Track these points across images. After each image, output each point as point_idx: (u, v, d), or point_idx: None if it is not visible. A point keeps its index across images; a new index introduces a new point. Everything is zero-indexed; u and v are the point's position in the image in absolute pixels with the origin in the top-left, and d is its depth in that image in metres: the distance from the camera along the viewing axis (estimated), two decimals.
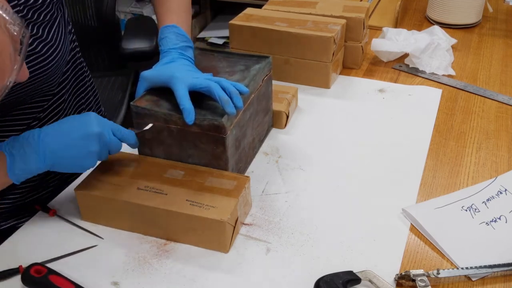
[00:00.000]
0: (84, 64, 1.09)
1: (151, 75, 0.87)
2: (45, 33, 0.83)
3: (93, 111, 1.11)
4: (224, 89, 0.81)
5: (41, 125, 0.95)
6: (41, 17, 0.82)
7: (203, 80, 0.83)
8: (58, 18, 0.87)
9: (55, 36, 0.85)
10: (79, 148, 0.76)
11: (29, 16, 0.80)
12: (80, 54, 1.06)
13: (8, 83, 0.59)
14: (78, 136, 0.76)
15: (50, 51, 0.84)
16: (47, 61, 0.84)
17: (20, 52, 0.59)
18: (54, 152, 0.76)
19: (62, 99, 0.98)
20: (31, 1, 0.80)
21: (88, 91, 1.09)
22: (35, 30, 0.82)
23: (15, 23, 0.58)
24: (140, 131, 0.85)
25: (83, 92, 1.07)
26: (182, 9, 0.96)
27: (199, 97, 0.86)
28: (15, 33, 0.58)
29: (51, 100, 0.95)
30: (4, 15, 0.57)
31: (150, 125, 0.85)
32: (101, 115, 1.15)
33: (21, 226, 0.86)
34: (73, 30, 1.03)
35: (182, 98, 0.81)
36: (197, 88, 0.82)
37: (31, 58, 0.82)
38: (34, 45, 0.82)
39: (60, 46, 0.86)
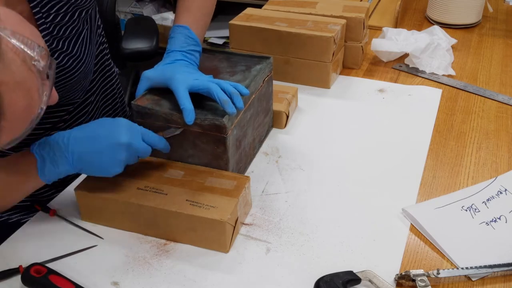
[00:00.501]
0: (110, 61, 1.09)
1: (152, 74, 0.87)
2: (70, 46, 0.84)
3: (118, 110, 1.12)
4: (224, 90, 0.81)
5: (68, 126, 0.96)
6: (67, 32, 0.83)
7: (203, 81, 0.83)
8: (84, 31, 0.88)
9: (80, 49, 0.86)
10: (106, 156, 0.77)
11: (55, 32, 0.81)
12: (107, 50, 1.06)
13: (39, 111, 0.60)
14: (106, 144, 0.76)
15: (75, 63, 0.86)
16: (71, 73, 0.86)
17: (49, 78, 0.60)
18: (81, 157, 0.77)
19: (89, 101, 0.99)
20: (58, 19, 0.81)
21: (114, 88, 1.10)
22: (60, 45, 0.83)
23: (41, 58, 0.58)
24: (169, 136, 0.84)
25: (110, 93, 1.08)
26: (202, 11, 0.95)
27: (200, 98, 0.86)
28: (41, 69, 0.58)
29: (77, 103, 0.96)
30: (29, 52, 0.57)
31: (180, 129, 0.85)
32: (125, 114, 1.15)
33: (12, 221, 0.85)
34: (104, 39, 1.03)
35: (182, 98, 0.81)
36: (196, 90, 0.82)
37: (56, 70, 0.82)
38: (59, 59, 0.83)
39: (84, 58, 0.87)
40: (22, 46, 0.56)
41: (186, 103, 0.80)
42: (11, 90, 0.55)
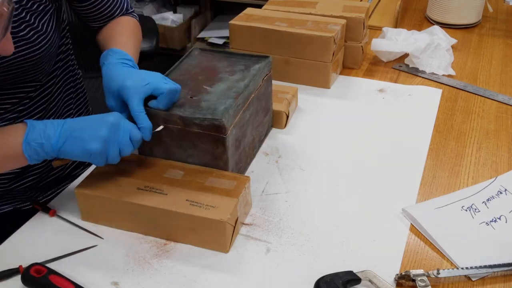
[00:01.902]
0: (77, 67, 1.09)
1: (106, 88, 0.86)
2: (37, 21, 0.86)
3: (81, 112, 1.12)
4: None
5: (33, 104, 0.96)
6: (35, 7, 0.85)
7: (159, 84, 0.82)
8: (51, 11, 0.89)
9: (45, 25, 0.87)
10: (90, 129, 0.77)
11: (23, 2, 0.83)
12: (73, 56, 1.06)
13: None
14: (94, 119, 0.78)
15: (40, 39, 0.86)
16: (36, 47, 0.86)
17: (3, 25, 0.59)
18: (69, 128, 0.77)
19: (49, 90, 0.98)
20: None
21: (78, 92, 1.09)
22: (28, 17, 0.84)
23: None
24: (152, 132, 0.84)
25: (73, 92, 1.07)
26: (130, 43, 0.96)
27: (198, 97, 0.86)
28: None
29: (38, 87, 0.95)
30: None
31: (161, 127, 0.85)
32: (85, 99, 1.15)
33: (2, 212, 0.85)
34: (68, 34, 1.03)
35: (138, 116, 0.80)
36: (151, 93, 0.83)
37: (21, 43, 0.84)
38: (25, 32, 0.84)
39: (50, 35, 0.88)
40: None
41: (144, 121, 0.80)
42: None
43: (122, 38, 0.97)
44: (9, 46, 0.65)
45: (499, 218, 0.84)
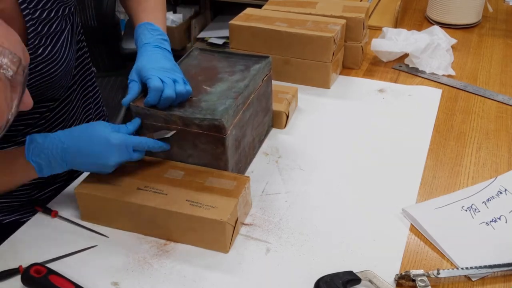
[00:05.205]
0: (89, 61, 1.09)
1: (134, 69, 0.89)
2: (53, 42, 0.85)
3: (97, 110, 1.12)
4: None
5: (48, 124, 0.96)
6: (52, 29, 0.84)
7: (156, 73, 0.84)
8: (67, 29, 0.88)
9: (62, 45, 0.87)
10: (96, 168, 0.82)
11: (39, 29, 0.82)
12: (87, 51, 1.06)
13: (9, 117, 0.59)
14: (97, 163, 0.81)
15: (58, 59, 0.86)
16: (54, 69, 0.86)
17: (19, 85, 0.58)
18: (75, 166, 0.82)
19: (70, 98, 0.99)
20: (44, 15, 0.82)
21: (95, 91, 1.10)
22: (43, 41, 0.83)
23: (12, 65, 0.57)
24: (159, 138, 0.84)
25: (91, 92, 1.08)
26: (158, 8, 0.99)
27: (198, 97, 0.85)
28: (10, 77, 0.57)
29: (59, 101, 0.96)
30: None
31: (172, 132, 0.85)
32: (102, 114, 1.15)
33: (24, 220, 0.86)
34: (83, 37, 1.03)
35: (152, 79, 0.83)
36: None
37: (40, 67, 0.84)
38: (44, 53, 0.83)
39: (66, 54, 0.88)
40: None
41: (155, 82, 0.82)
42: None
43: (153, 13, 0.98)
44: (29, 100, 0.65)
45: (499, 218, 0.84)
